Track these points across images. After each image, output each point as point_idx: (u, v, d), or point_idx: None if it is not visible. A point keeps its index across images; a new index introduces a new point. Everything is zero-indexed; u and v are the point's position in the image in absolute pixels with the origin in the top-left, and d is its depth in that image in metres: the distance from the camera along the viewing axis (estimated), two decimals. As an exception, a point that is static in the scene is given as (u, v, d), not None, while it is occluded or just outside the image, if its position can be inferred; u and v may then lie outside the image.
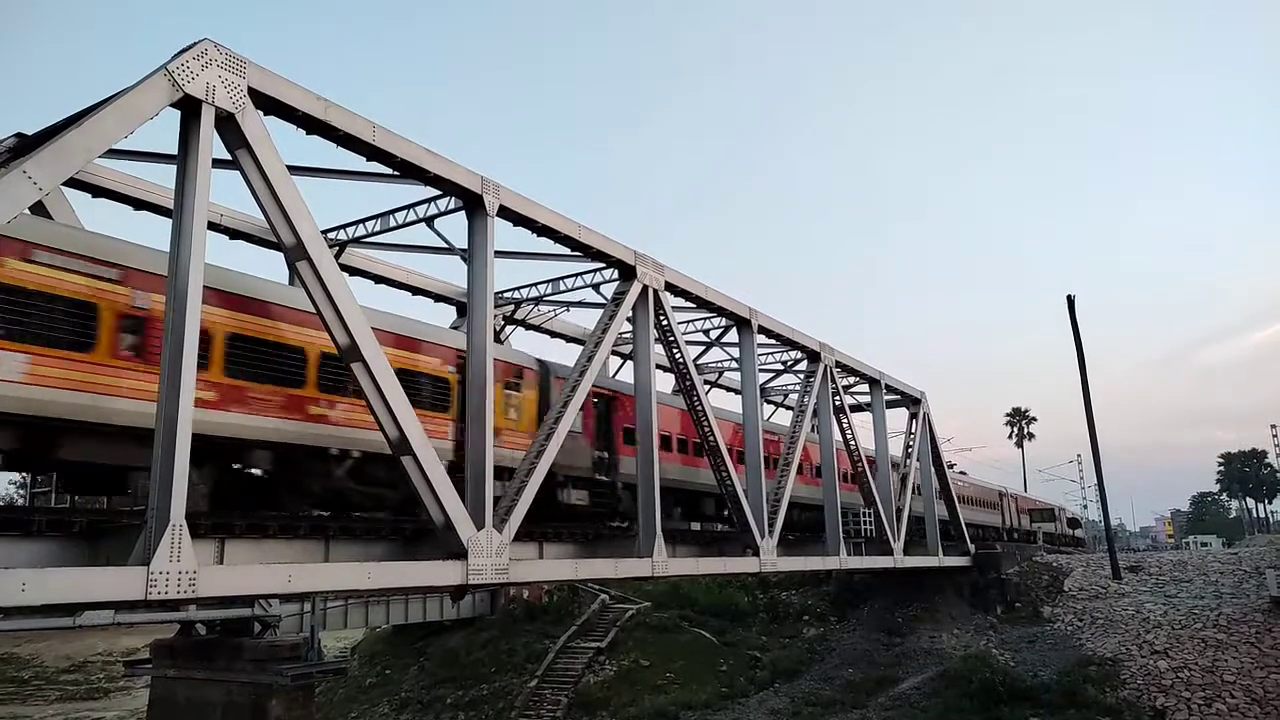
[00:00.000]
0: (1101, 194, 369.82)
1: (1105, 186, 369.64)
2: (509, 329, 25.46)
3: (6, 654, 49.88)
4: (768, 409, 36.34)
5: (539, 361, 19.90)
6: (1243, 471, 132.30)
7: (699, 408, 20.72)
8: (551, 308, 25.38)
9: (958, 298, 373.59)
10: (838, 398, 28.17)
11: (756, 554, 21.84)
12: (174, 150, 10.89)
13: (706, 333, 27.54)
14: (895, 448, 35.61)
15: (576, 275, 21.85)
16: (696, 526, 26.60)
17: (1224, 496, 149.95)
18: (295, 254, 11.80)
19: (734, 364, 29.11)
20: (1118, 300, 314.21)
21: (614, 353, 24.66)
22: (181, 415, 9.74)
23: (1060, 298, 39.62)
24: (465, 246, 15.69)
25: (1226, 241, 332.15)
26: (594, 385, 20.66)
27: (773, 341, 26.32)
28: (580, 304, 23.93)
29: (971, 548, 37.89)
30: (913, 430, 35.63)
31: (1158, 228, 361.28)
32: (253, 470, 13.85)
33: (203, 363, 11.26)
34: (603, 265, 19.70)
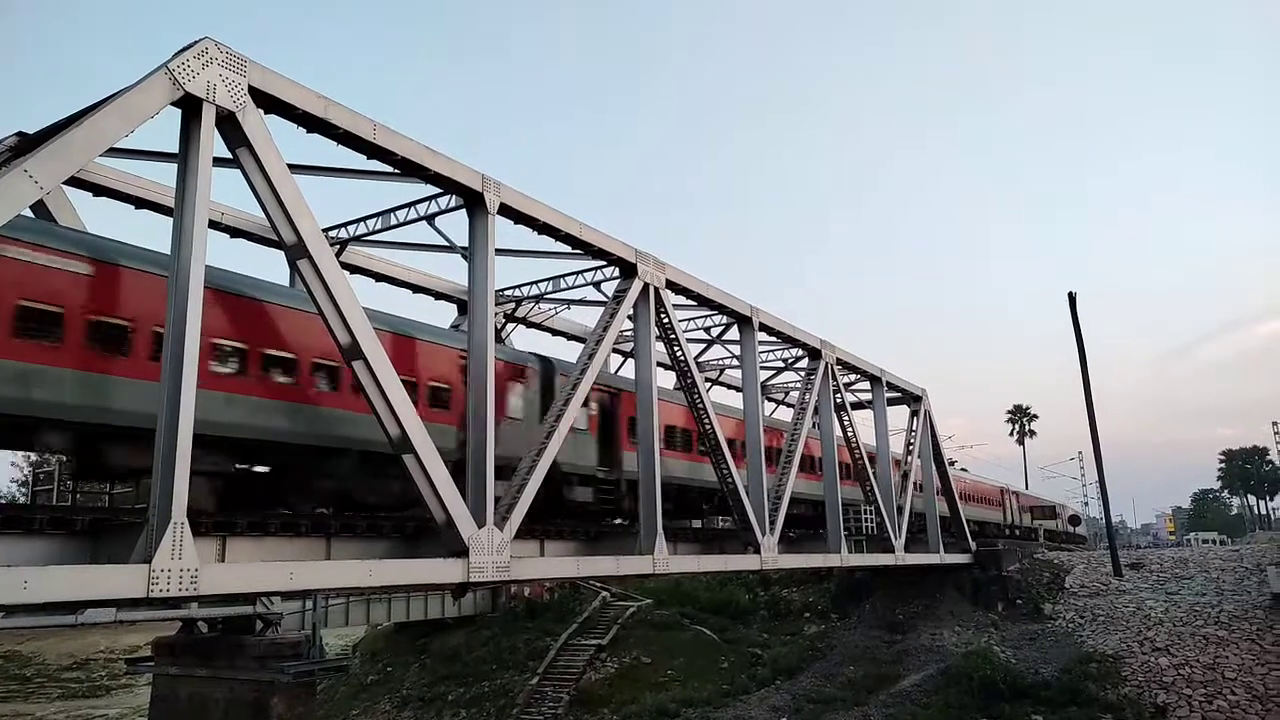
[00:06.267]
0: (1100, 190, 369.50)
1: (1104, 182, 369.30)
2: (510, 327, 25.45)
3: (9, 651, 49.99)
4: (769, 406, 36.34)
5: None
6: (1244, 468, 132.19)
7: (700, 405, 20.73)
8: (552, 305, 25.36)
9: (959, 296, 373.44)
10: (838, 395, 28.17)
11: (758, 551, 21.86)
12: (175, 149, 10.91)
13: (708, 330, 27.52)
14: (896, 445, 35.63)
15: (578, 273, 21.83)
16: (697, 524, 26.63)
17: (1225, 494, 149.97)
18: (296, 252, 11.83)
19: (735, 362, 29.11)
20: (1118, 297, 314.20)
21: (615, 350, 24.65)
22: (183, 414, 9.75)
23: (1061, 295, 39.53)
24: (466, 244, 15.70)
25: (1226, 238, 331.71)
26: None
27: (774, 339, 26.33)
28: (581, 302, 23.93)
29: (973, 545, 37.89)
30: (914, 427, 35.63)
31: (1157, 225, 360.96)
32: None
33: None
34: (604, 263, 19.72)
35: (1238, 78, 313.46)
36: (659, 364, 20.59)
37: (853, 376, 32.22)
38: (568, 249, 18.22)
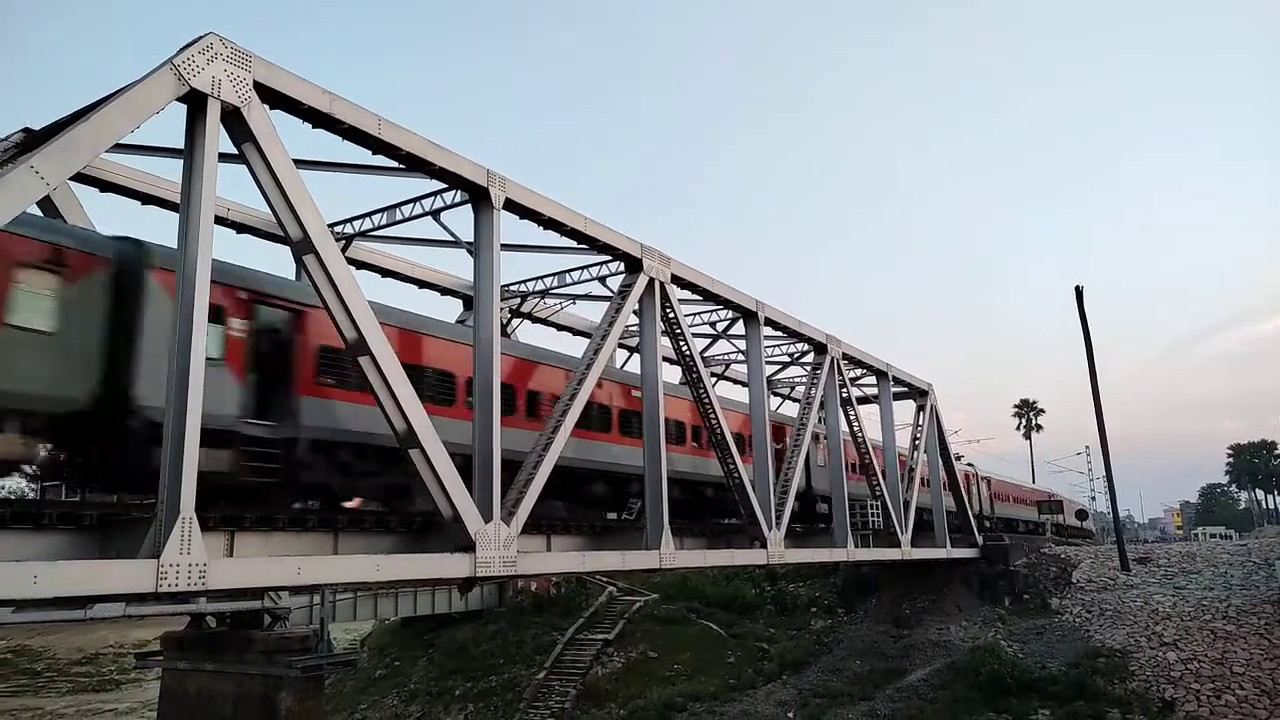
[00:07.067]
0: (1102, 187, 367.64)
1: (1106, 179, 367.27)
2: (516, 322, 25.45)
3: (19, 646, 50.32)
4: (774, 401, 36.28)
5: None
6: (1252, 463, 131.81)
7: (706, 400, 20.70)
8: (558, 301, 25.35)
9: (964, 292, 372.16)
10: (844, 390, 28.11)
11: (764, 546, 21.83)
12: (180, 145, 10.91)
13: (713, 325, 27.48)
14: (903, 440, 35.50)
15: (583, 268, 21.82)
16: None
17: (1233, 488, 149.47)
18: (302, 248, 11.82)
19: (741, 356, 29.06)
20: (1122, 293, 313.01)
21: (621, 345, 24.63)
22: (190, 408, 9.78)
23: (1065, 290, 39.40)
24: (471, 240, 15.68)
25: (1229, 235, 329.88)
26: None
27: (779, 334, 26.27)
28: (587, 297, 23.89)
29: (980, 539, 37.82)
30: (920, 422, 35.54)
31: (1159, 222, 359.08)
32: None
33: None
34: (609, 258, 19.69)
35: (1239, 77, 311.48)
36: (664, 359, 20.55)
37: (859, 371, 32.16)
38: (573, 244, 18.15)
